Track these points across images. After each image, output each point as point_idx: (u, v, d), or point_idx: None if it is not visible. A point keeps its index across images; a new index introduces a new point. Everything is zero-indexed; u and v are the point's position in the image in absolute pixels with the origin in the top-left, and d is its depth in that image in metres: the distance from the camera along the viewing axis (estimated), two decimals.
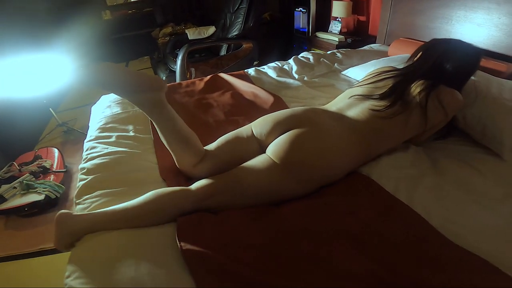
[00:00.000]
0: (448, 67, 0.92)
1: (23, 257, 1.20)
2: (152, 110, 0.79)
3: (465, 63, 0.93)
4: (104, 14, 3.79)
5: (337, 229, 0.66)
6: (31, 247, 1.23)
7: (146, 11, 3.96)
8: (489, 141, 0.91)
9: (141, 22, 3.94)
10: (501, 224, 0.69)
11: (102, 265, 0.59)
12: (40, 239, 1.26)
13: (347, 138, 0.81)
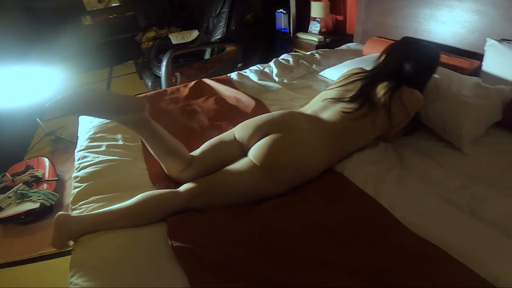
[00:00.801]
0: (409, 67, 0.99)
1: (24, 263, 1.25)
2: (137, 128, 0.85)
3: (425, 63, 1.01)
4: (84, 19, 3.72)
5: (311, 222, 0.73)
6: (31, 253, 1.27)
7: (128, 15, 3.92)
8: (449, 135, 1.01)
9: (124, 26, 3.90)
10: (458, 214, 0.77)
11: (103, 264, 0.65)
12: (39, 245, 1.30)
13: (320, 140, 0.88)
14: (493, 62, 1.27)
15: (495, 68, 1.26)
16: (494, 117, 1.05)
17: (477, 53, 1.37)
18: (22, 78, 2.12)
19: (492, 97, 1.05)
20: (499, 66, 1.25)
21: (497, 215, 0.76)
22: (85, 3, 3.70)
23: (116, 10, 3.91)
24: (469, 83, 1.13)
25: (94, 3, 3.76)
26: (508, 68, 1.21)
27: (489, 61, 1.28)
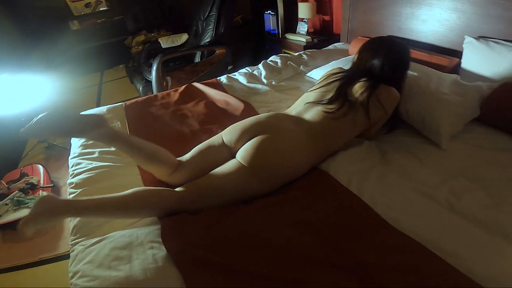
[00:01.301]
0: (381, 65, 1.03)
1: (25, 267, 1.28)
2: (107, 141, 0.89)
3: (396, 60, 1.04)
4: (72, 24, 3.69)
5: (297, 220, 0.77)
6: (31, 258, 1.30)
7: (117, 20, 3.89)
8: (428, 132, 1.05)
9: (112, 30, 3.87)
10: (436, 208, 0.80)
11: (100, 265, 0.68)
12: (38, 249, 1.33)
13: (305, 140, 0.92)
14: (471, 59, 1.32)
15: (473, 65, 1.31)
16: (472, 113, 1.10)
17: (457, 51, 1.42)
18: (12, 86, 2.12)
19: (469, 93, 1.10)
20: (477, 63, 1.30)
21: (474, 208, 0.79)
22: (72, 8, 3.66)
23: (104, 15, 3.88)
24: (448, 81, 1.17)
25: (81, 8, 3.72)
26: (486, 65, 1.27)
27: (467, 58, 1.34)
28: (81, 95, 3.32)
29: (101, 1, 3.79)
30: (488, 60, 1.25)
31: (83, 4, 3.70)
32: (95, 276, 0.65)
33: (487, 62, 1.25)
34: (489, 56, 1.24)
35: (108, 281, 0.64)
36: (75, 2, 3.64)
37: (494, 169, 0.92)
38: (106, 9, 3.88)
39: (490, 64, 1.24)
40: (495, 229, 0.73)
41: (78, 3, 3.66)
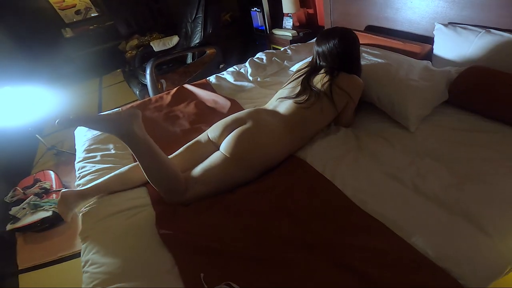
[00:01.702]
0: (333, 53, 1.12)
1: (46, 266, 1.42)
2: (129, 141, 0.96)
3: (345, 45, 1.12)
4: (65, 32, 3.77)
5: (275, 206, 0.87)
6: (51, 256, 1.44)
7: (109, 25, 3.95)
8: (398, 116, 1.13)
9: (106, 36, 3.95)
10: (402, 190, 0.86)
11: (105, 253, 0.80)
12: (57, 248, 1.47)
13: (281, 128, 1.02)
14: (441, 45, 1.39)
15: (444, 51, 1.38)
16: (440, 97, 1.17)
17: (430, 37, 1.49)
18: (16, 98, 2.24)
19: (436, 79, 1.18)
20: (447, 49, 1.37)
21: (437, 189, 0.85)
22: (62, 16, 3.73)
23: (95, 21, 3.94)
24: (418, 67, 1.24)
25: (71, 15, 3.79)
26: (455, 50, 1.33)
27: (438, 44, 1.41)
28: (83, 102, 3.43)
29: (90, 8, 3.86)
30: (456, 45, 1.32)
31: (73, 11, 3.77)
32: (102, 263, 0.76)
33: (456, 48, 1.32)
34: (457, 42, 1.31)
35: (113, 266, 0.75)
36: (64, 10, 3.72)
37: (459, 149, 0.98)
38: (96, 15, 3.94)
39: (458, 49, 1.31)
40: (456, 208, 0.79)
41: (67, 10, 3.73)
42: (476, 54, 1.25)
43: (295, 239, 0.78)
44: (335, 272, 0.69)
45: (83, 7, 3.82)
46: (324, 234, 0.78)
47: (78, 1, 3.76)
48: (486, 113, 1.09)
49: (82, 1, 3.78)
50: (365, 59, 1.40)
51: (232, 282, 0.67)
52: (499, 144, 0.97)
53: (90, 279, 0.74)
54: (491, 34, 1.21)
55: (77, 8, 3.80)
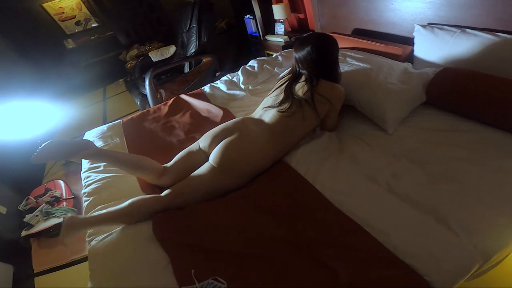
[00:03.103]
0: (311, 59, 1.16)
1: (60, 268, 1.54)
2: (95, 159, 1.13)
3: (322, 50, 1.16)
4: (67, 43, 3.92)
5: (260, 208, 0.95)
6: (65, 260, 1.56)
7: (109, 35, 4.09)
8: (377, 119, 1.20)
9: (107, 45, 4.08)
10: (377, 190, 0.92)
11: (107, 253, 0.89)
12: (70, 252, 1.58)
13: (265, 137, 1.10)
14: (421, 46, 1.45)
15: (423, 52, 1.44)
16: (417, 99, 1.23)
17: (411, 39, 1.52)
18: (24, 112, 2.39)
19: (413, 81, 1.23)
20: (426, 50, 1.43)
21: (410, 189, 0.90)
22: (63, 27, 3.89)
23: (96, 31, 4.08)
24: (397, 70, 1.30)
25: (72, 26, 3.93)
26: (433, 51, 1.39)
27: (418, 46, 1.46)
28: (88, 112, 3.55)
29: (90, 18, 3.99)
30: (434, 46, 1.37)
31: (73, 22, 3.92)
32: (105, 262, 0.87)
33: (434, 48, 1.37)
34: (435, 42, 1.36)
35: (113, 262, 0.85)
36: (64, 22, 3.86)
37: (434, 149, 1.03)
38: (96, 25, 4.07)
39: (436, 50, 1.36)
40: (426, 208, 0.83)
41: (67, 22, 3.88)
42: (453, 54, 1.30)
43: (277, 236, 0.86)
44: (311, 268, 0.76)
45: (83, 18, 3.96)
46: (304, 233, 0.86)
47: (77, 12, 3.91)
48: (461, 113, 1.15)
49: (81, 12, 3.92)
50: (349, 63, 1.48)
51: (219, 277, 0.75)
52: (473, 143, 1.02)
53: (95, 276, 0.84)
54: (466, 34, 1.26)
55: (77, 19, 3.94)
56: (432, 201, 0.86)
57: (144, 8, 3.91)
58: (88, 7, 3.95)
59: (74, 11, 3.91)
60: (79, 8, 3.92)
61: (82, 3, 3.89)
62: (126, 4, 3.83)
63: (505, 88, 1.04)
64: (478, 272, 0.79)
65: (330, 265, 0.76)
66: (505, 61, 1.13)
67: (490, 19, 1.24)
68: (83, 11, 3.96)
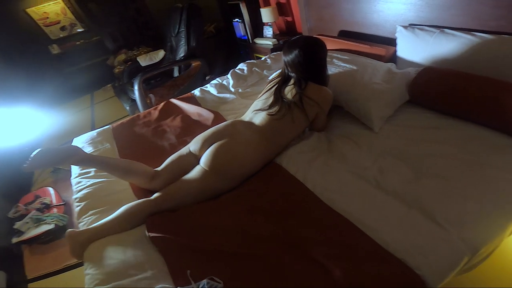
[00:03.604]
0: (299, 62, 1.18)
1: (54, 274, 1.52)
2: (84, 165, 1.11)
3: (309, 53, 1.18)
4: (52, 48, 3.85)
5: (252, 207, 0.97)
6: (58, 265, 1.54)
7: (95, 40, 4.04)
8: (364, 118, 1.23)
9: (94, 51, 4.03)
10: (365, 187, 0.94)
11: (103, 257, 0.89)
12: (62, 258, 1.57)
13: (255, 139, 1.12)
14: (403, 47, 1.50)
15: (405, 52, 1.49)
16: (401, 98, 1.27)
17: (394, 39, 1.57)
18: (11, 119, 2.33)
19: (396, 81, 1.28)
20: (408, 50, 1.48)
21: (396, 185, 0.93)
22: (48, 32, 3.83)
23: (81, 36, 4.02)
24: (381, 70, 1.35)
25: (56, 31, 3.88)
26: (415, 51, 1.44)
27: (400, 46, 1.51)
28: (76, 119, 3.49)
29: (75, 23, 3.94)
30: (416, 46, 1.42)
31: (58, 27, 3.86)
32: (100, 265, 0.87)
33: (415, 48, 1.42)
34: (416, 43, 1.41)
35: (110, 266, 0.85)
36: (49, 27, 3.80)
37: (418, 146, 1.07)
38: (82, 30, 4.01)
39: (417, 50, 1.41)
40: (413, 203, 0.86)
41: (52, 27, 3.82)
42: (433, 54, 1.35)
43: (270, 235, 0.87)
44: (306, 266, 0.78)
45: (68, 23, 3.90)
46: (296, 231, 0.87)
47: (62, 18, 3.85)
48: (442, 111, 1.20)
49: (66, 17, 3.87)
50: (335, 64, 1.52)
51: (214, 277, 0.76)
52: (455, 139, 1.06)
53: (91, 279, 0.84)
54: (445, 34, 1.31)
55: (62, 24, 3.89)
56: (418, 196, 0.88)
57: (131, 12, 3.89)
58: (73, 12, 3.89)
59: (59, 16, 3.85)
60: (64, 13, 3.87)
61: (67, 8, 3.84)
62: (112, 9, 3.80)
63: (483, 86, 1.09)
64: (468, 266, 0.81)
65: (324, 263, 0.77)
66: (483, 60, 1.19)
67: (467, 19, 1.29)
68: (68, 16, 3.91)
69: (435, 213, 0.83)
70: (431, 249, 0.76)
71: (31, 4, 3.62)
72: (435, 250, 0.76)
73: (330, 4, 1.93)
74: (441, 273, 0.74)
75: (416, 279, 0.72)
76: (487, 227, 0.80)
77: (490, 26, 1.22)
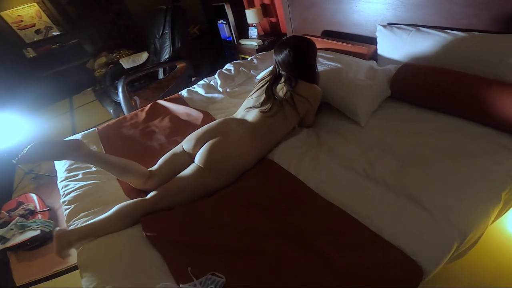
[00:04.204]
0: (289, 61, 1.22)
1: (43, 281, 1.47)
2: (86, 161, 1.07)
3: (300, 52, 1.21)
4: (26, 52, 3.69)
5: (248, 202, 0.98)
6: (47, 271, 1.49)
7: (73, 43, 3.90)
8: (350, 113, 1.29)
9: (71, 54, 3.90)
10: (355, 178, 0.99)
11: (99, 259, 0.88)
12: (52, 264, 1.52)
13: (248, 136, 1.14)
14: (383, 45, 1.57)
15: (385, 50, 1.57)
16: (383, 94, 1.34)
17: (374, 38, 1.63)
18: None
19: (378, 77, 1.34)
20: (388, 48, 1.55)
21: (384, 174, 0.98)
22: (22, 36, 3.67)
23: (58, 39, 3.88)
24: (364, 68, 1.40)
25: (31, 34, 3.73)
26: (393, 49, 1.51)
27: (380, 44, 1.58)
28: (55, 124, 3.37)
29: (51, 27, 3.81)
30: (394, 44, 1.49)
31: (33, 30, 3.71)
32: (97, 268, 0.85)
33: (394, 46, 1.50)
34: (394, 41, 1.48)
35: (107, 269, 0.84)
36: (23, 30, 3.65)
37: (401, 138, 1.13)
38: (59, 33, 3.88)
39: (396, 47, 1.49)
40: (400, 191, 0.91)
41: (27, 30, 3.67)
42: (410, 51, 1.42)
43: (268, 229, 0.89)
44: (305, 256, 0.79)
45: (43, 26, 3.76)
46: (292, 222, 0.90)
47: (37, 21, 3.71)
48: (421, 105, 1.27)
49: (41, 20, 3.72)
50: (321, 63, 1.56)
51: (216, 272, 0.77)
52: (434, 130, 1.13)
53: (89, 282, 0.82)
54: (420, 32, 1.38)
55: (37, 28, 3.74)
56: (405, 185, 0.93)
57: (111, 15, 3.80)
58: (49, 15, 3.75)
59: (34, 19, 3.70)
60: (39, 16, 3.72)
61: (42, 11, 3.70)
62: (91, 11, 3.70)
63: (456, 81, 1.17)
64: (458, 253, 0.85)
65: (323, 252, 0.79)
66: (456, 56, 1.27)
67: (439, 18, 1.38)
68: (43, 19, 3.76)
69: (423, 200, 0.87)
70: (423, 235, 0.79)
71: (5, 8, 3.47)
72: (426, 236, 0.79)
73: (313, 5, 1.98)
74: (435, 258, 0.77)
75: (413, 265, 0.74)
76: (472, 212, 0.84)
77: (462, 24, 1.31)
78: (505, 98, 1.03)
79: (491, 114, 1.06)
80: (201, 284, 0.75)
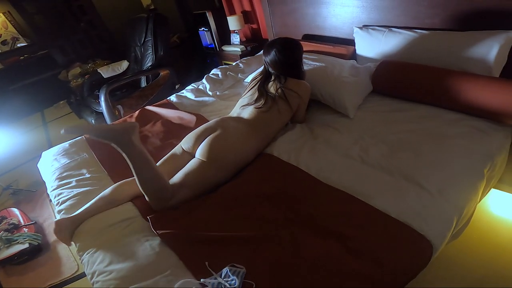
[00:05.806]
0: (277, 60, 1.31)
1: None
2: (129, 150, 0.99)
3: (287, 51, 1.31)
4: None
5: (255, 193, 1.01)
6: (40, 286, 1.41)
7: (42, 54, 3.73)
8: (339, 108, 1.38)
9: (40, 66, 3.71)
10: (353, 163, 1.07)
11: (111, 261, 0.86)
12: (44, 278, 1.44)
13: (246, 131, 1.18)
14: (361, 46, 1.70)
15: (363, 50, 1.70)
16: (367, 88, 1.46)
17: (352, 40, 1.76)
18: None
19: (361, 74, 1.46)
20: (365, 48, 1.69)
21: (378, 158, 1.07)
22: None
23: (25, 50, 3.71)
24: (347, 66, 1.52)
25: None
26: (370, 49, 1.65)
27: (358, 45, 1.72)
28: (28, 139, 3.18)
29: (18, 37, 3.65)
30: (371, 44, 1.63)
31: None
32: (110, 270, 0.82)
33: (371, 46, 1.63)
34: (370, 41, 1.62)
35: (122, 271, 0.81)
36: None
37: (387, 126, 1.24)
38: (26, 44, 3.71)
39: (373, 47, 1.62)
40: (395, 172, 0.99)
41: None
42: (385, 50, 1.56)
43: (278, 217, 0.92)
44: (319, 239, 0.82)
45: (9, 37, 3.59)
46: (301, 209, 0.93)
47: (3, 32, 3.54)
48: (400, 97, 1.40)
49: (7, 31, 3.56)
50: (306, 63, 1.66)
51: (234, 263, 0.77)
52: (416, 118, 1.26)
53: (103, 285, 0.79)
54: (392, 32, 1.53)
55: (3, 39, 3.57)
56: (399, 166, 1.01)
57: (83, 25, 3.69)
58: (15, 25, 3.57)
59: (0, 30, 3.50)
60: (5, 27, 3.53)
61: (8, 21, 3.51)
62: (62, 22, 3.56)
63: (427, 74, 1.31)
64: (456, 231, 0.91)
65: (336, 232, 0.82)
66: (423, 52, 1.41)
67: (408, 18, 1.53)
68: (10, 29, 3.57)
69: (419, 180, 0.95)
70: (426, 212, 0.84)
71: None
72: (429, 212, 0.84)
73: (293, 10, 2.09)
74: (440, 233, 0.82)
75: (424, 240, 0.79)
76: (463, 189, 0.93)
77: (426, 24, 1.47)
78: (471, 87, 1.17)
79: (461, 102, 1.19)
80: (221, 276, 0.75)
